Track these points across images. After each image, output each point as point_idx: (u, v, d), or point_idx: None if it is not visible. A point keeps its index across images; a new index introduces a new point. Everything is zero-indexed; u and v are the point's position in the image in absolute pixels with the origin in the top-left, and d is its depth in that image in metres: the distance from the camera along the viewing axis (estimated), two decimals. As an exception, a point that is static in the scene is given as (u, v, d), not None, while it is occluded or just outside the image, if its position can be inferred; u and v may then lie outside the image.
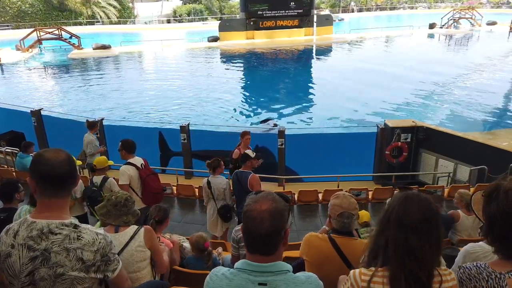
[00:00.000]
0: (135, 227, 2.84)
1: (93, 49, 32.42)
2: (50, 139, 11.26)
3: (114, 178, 5.46)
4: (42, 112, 11.40)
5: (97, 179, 5.33)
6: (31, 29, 33.29)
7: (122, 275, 1.89)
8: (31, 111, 11.31)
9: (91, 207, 5.11)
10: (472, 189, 7.49)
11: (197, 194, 8.08)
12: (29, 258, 1.61)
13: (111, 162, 5.74)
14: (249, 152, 5.54)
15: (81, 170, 9.70)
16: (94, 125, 8.05)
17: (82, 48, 33.06)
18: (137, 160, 5.28)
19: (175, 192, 8.34)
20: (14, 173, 8.27)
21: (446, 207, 6.93)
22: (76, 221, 1.73)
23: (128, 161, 5.24)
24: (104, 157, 5.69)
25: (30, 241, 1.62)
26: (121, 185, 5.08)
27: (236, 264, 1.53)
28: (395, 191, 6.63)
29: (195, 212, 7.70)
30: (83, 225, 1.73)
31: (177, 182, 9.08)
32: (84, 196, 5.25)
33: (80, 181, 5.14)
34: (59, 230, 1.65)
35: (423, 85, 20.74)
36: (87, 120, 8.25)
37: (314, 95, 21.05)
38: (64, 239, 1.64)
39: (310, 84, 23.90)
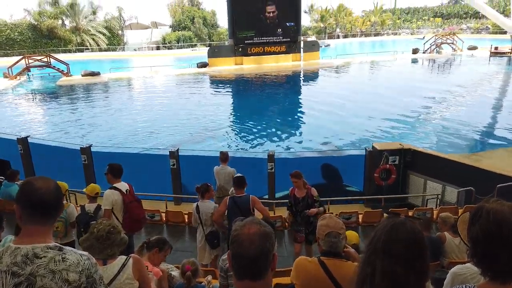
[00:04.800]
0: (123, 258, 2.76)
1: (82, 76, 32.52)
2: (36, 167, 11.09)
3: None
4: (29, 140, 11.27)
5: (90, 207, 5.24)
6: (20, 57, 33.37)
7: None
8: (17, 138, 11.18)
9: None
10: (460, 210, 7.56)
11: (186, 220, 7.97)
12: (13, 285, 1.59)
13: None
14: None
15: (68, 197, 9.55)
16: (227, 157, 7.46)
17: (70, 75, 33.12)
18: (123, 186, 5.18)
19: (164, 218, 8.21)
20: (-2, 202, 8.06)
21: (435, 229, 6.94)
22: (60, 245, 1.74)
23: (113, 185, 5.13)
24: (96, 185, 5.61)
25: (14, 267, 1.61)
26: (104, 210, 5.02)
27: None
28: (384, 216, 6.62)
29: (185, 239, 7.57)
30: (67, 248, 1.75)
31: (166, 208, 8.97)
32: (77, 223, 5.13)
33: (73, 206, 5.05)
34: (44, 253, 1.65)
35: (409, 109, 21.12)
36: (221, 152, 7.64)
37: (303, 119, 21.28)
38: (49, 262, 1.64)
39: (299, 109, 24.19)
